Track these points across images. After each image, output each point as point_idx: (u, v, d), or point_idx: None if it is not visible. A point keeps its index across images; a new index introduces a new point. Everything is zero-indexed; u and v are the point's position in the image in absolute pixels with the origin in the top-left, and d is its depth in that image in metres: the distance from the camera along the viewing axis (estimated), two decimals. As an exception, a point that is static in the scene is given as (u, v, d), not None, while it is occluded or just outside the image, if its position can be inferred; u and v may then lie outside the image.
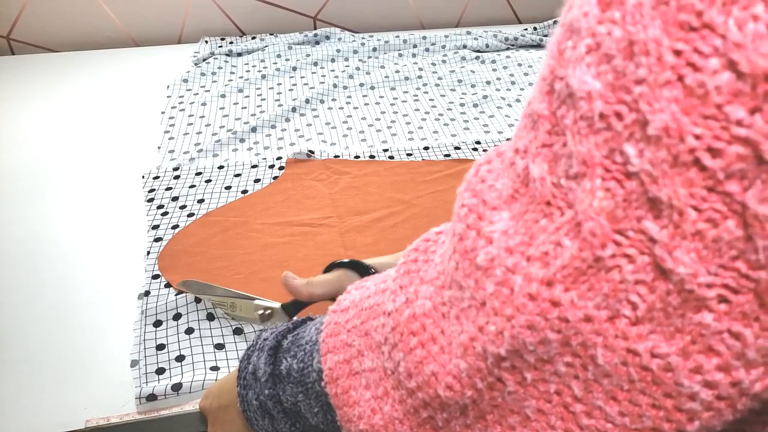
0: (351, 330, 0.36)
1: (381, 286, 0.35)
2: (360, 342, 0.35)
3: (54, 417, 0.55)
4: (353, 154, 0.93)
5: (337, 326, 0.37)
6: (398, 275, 0.33)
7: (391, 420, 0.32)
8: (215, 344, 0.61)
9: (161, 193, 0.84)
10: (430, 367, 0.29)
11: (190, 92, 1.11)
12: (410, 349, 0.30)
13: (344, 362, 0.35)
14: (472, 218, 0.27)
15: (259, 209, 0.81)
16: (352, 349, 0.35)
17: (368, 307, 0.35)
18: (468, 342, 0.27)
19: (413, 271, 0.33)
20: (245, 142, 0.96)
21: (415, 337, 0.30)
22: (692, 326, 0.22)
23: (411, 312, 0.30)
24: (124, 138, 0.97)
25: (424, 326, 0.30)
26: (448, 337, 0.28)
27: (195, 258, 0.72)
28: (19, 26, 1.25)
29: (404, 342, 0.30)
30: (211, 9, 1.32)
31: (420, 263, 0.33)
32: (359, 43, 1.27)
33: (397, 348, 0.31)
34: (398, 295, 0.32)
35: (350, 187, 0.85)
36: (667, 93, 0.20)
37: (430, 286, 0.31)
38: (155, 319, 0.64)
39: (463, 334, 0.27)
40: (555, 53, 0.24)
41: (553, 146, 0.24)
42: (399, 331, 0.31)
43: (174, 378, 0.57)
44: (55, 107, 1.05)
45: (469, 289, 0.27)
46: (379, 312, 0.33)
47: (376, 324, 0.33)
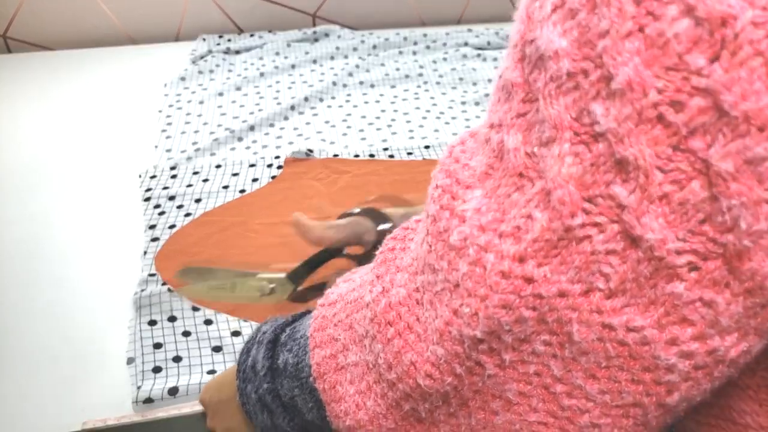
0: (337, 324, 0.35)
1: (365, 278, 0.34)
2: (345, 336, 0.34)
3: (51, 419, 0.54)
4: (353, 153, 0.92)
5: (324, 320, 0.36)
6: (376, 265, 0.33)
7: (375, 415, 0.32)
8: (213, 347, 0.61)
9: (158, 192, 0.83)
10: (408, 356, 0.28)
11: (187, 90, 1.10)
12: (388, 339, 0.29)
13: (331, 357, 0.35)
14: (446, 198, 0.27)
15: (257, 209, 0.80)
16: (338, 343, 0.35)
17: (353, 300, 0.35)
18: (443, 327, 0.26)
19: (389, 260, 0.32)
20: (243, 140, 0.96)
21: (392, 327, 0.29)
22: (665, 297, 0.22)
23: (387, 301, 0.30)
24: (122, 136, 0.96)
25: (399, 315, 0.29)
26: (424, 324, 0.28)
27: (192, 258, 0.72)
28: (16, 24, 1.24)
29: (382, 333, 0.30)
30: (209, 6, 1.31)
31: (397, 251, 0.32)
32: (359, 41, 1.26)
33: (376, 339, 0.30)
34: (375, 285, 0.32)
35: (350, 186, 0.84)
36: (629, 45, 0.20)
37: (405, 273, 0.30)
38: (150, 318, 0.63)
39: (438, 320, 0.27)
40: (524, 17, 0.24)
41: (527, 114, 0.24)
42: (377, 322, 0.30)
43: (170, 380, 0.57)
44: (52, 106, 1.05)
45: (443, 272, 0.26)
46: (361, 304, 0.33)
47: (359, 317, 0.33)
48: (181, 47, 1.26)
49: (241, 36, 1.30)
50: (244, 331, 0.63)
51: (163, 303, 0.66)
